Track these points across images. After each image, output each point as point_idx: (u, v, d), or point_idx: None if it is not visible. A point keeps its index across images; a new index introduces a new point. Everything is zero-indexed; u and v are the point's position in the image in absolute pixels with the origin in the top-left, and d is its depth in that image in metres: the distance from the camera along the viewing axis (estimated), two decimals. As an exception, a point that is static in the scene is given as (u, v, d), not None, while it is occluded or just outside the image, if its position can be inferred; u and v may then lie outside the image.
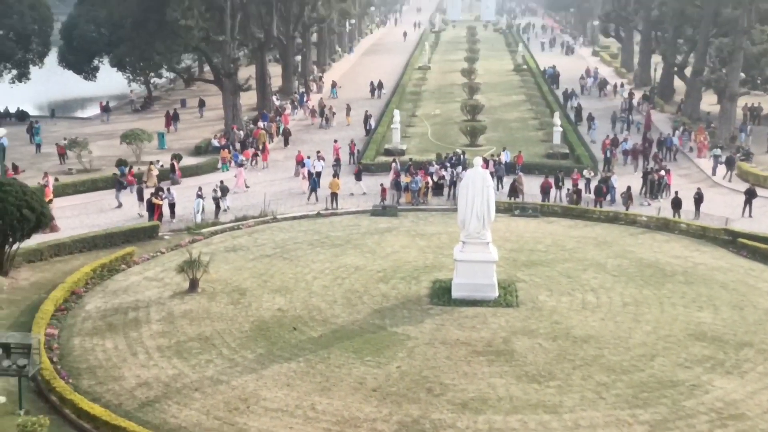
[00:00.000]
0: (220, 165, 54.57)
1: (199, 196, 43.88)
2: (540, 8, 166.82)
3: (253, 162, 55.85)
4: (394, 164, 50.14)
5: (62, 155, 55.34)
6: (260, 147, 57.23)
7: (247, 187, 49.53)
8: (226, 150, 56.36)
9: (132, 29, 64.28)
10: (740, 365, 26.61)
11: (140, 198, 45.27)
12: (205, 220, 43.10)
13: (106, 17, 69.76)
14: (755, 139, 61.30)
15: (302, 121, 70.19)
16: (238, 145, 57.71)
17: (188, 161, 54.96)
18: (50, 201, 42.61)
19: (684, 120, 66.08)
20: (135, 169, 50.67)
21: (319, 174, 49.40)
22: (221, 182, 46.11)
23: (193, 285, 32.94)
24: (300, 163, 51.83)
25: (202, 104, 73.55)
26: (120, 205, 45.78)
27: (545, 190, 46.95)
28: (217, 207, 44.20)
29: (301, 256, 37.12)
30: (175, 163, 52.09)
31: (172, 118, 67.62)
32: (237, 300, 32.01)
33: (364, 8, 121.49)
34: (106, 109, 73.79)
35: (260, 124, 63.73)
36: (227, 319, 30.22)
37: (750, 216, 44.71)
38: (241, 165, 52.46)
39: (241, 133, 60.41)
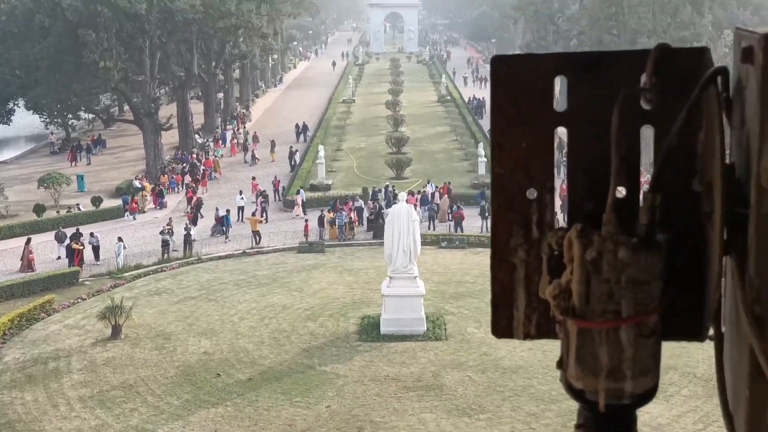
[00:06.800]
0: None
1: (121, 240, 43.04)
2: (462, 39, 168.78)
3: (194, 186, 57.69)
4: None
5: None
6: (211, 175, 60.38)
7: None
8: (165, 176, 59.30)
9: (48, 71, 63.11)
10: (665, 389, 26.83)
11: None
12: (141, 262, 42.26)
13: (21, 59, 68.30)
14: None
15: (226, 158, 69.50)
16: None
17: (110, 203, 53.94)
18: None
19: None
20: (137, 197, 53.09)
21: (241, 209, 49.44)
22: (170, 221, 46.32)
23: (116, 331, 32.15)
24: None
25: (89, 149, 69.84)
26: None
27: (458, 221, 47.14)
28: (166, 245, 43.55)
29: (227, 297, 36.55)
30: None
31: (76, 151, 67.79)
32: (161, 345, 31.31)
33: (286, 43, 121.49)
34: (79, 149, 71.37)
35: (212, 154, 67.13)
36: (151, 366, 29.52)
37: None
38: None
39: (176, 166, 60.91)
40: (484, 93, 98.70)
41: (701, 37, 64.98)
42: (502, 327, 1.38)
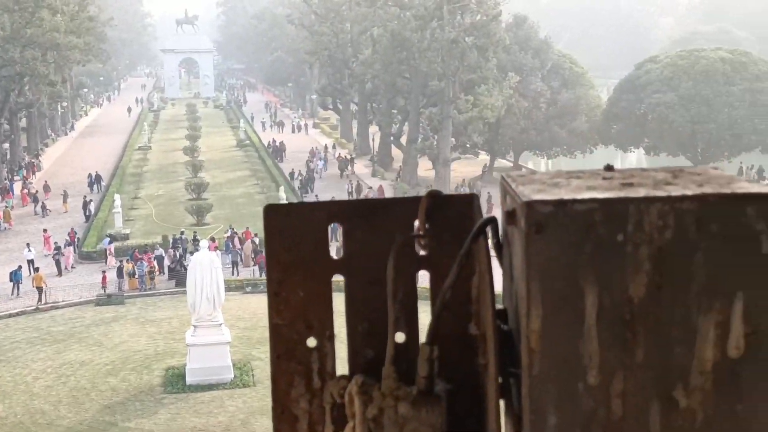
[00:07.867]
0: None
1: None
2: (259, 83, 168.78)
3: None
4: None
5: None
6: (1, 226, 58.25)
7: None
8: None
9: None
10: None
11: None
12: None
13: None
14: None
15: (17, 209, 66.09)
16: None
17: None
18: None
19: (404, 186, 68.99)
20: None
21: (31, 262, 46.97)
22: None
23: None
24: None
25: None
26: None
27: (262, 266, 46.99)
28: None
29: (19, 356, 34.57)
30: None
31: None
32: (-53, 413, 29.19)
33: (76, 90, 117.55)
34: None
35: (2, 204, 64.29)
36: (-64, 436, 27.46)
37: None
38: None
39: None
40: (283, 137, 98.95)
41: (488, 80, 67.94)
42: None
